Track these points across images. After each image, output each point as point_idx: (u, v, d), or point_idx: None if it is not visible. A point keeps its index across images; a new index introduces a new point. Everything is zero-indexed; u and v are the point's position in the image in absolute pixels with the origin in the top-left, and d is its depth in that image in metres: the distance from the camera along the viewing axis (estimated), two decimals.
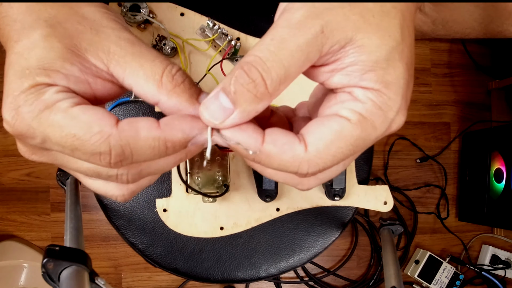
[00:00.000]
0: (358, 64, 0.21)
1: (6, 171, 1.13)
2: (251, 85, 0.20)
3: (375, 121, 0.21)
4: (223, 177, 0.50)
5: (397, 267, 0.55)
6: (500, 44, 1.24)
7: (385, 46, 0.21)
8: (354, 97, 0.21)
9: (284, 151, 0.21)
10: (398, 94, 0.22)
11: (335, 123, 0.21)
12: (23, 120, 0.21)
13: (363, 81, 0.21)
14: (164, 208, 0.52)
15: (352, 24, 0.21)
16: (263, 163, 0.22)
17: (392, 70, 0.21)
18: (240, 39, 0.52)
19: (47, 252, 0.33)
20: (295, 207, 0.55)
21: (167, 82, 0.22)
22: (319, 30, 0.20)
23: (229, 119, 0.21)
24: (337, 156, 0.21)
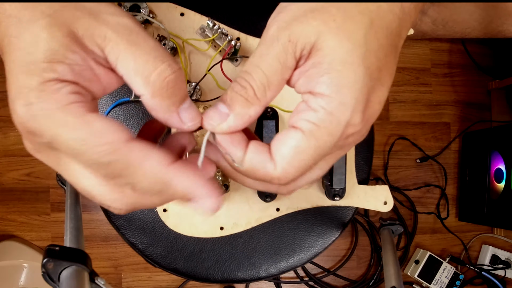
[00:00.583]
0: (316, 67, 0.23)
1: (6, 171, 1.13)
2: (243, 91, 0.23)
3: (328, 127, 0.23)
4: (223, 177, 0.50)
5: (397, 267, 0.55)
6: (500, 44, 1.24)
7: (342, 49, 0.22)
8: (309, 107, 0.23)
9: (258, 168, 0.24)
10: (351, 97, 0.23)
11: (292, 140, 0.23)
12: (36, 118, 0.21)
13: (318, 85, 0.23)
14: (164, 208, 0.52)
15: (314, 29, 0.23)
16: (244, 174, 0.25)
17: (348, 73, 0.22)
18: (240, 39, 0.52)
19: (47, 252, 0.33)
20: (295, 207, 0.55)
21: (155, 82, 0.22)
22: (286, 39, 0.23)
23: (225, 122, 0.24)
24: (302, 167, 0.24)
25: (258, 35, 0.53)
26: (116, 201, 0.24)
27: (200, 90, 0.51)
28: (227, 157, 0.25)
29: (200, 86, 0.51)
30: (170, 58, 0.23)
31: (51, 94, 0.21)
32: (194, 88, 0.50)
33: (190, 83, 0.50)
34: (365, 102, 0.23)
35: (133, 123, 0.55)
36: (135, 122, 0.55)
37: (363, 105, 0.23)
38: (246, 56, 0.52)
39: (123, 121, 0.55)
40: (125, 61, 0.22)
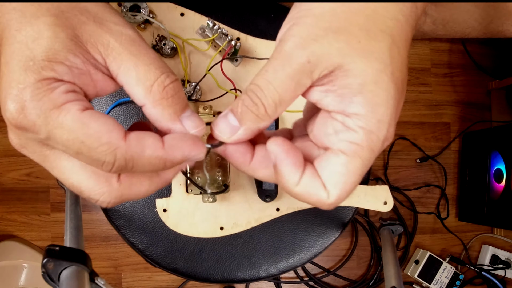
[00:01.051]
0: (347, 87, 0.23)
1: (6, 171, 1.13)
2: (254, 107, 0.24)
3: (370, 145, 0.24)
4: (223, 177, 0.50)
5: (397, 267, 0.55)
6: (500, 44, 1.24)
7: (372, 69, 0.23)
8: (347, 127, 0.24)
9: (311, 195, 0.25)
10: (387, 114, 0.23)
11: (339, 166, 0.24)
12: (29, 116, 0.21)
13: (352, 105, 0.23)
14: (164, 208, 0.52)
15: (337, 51, 0.23)
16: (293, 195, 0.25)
17: (381, 92, 0.23)
18: (240, 39, 0.52)
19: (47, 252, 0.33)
20: (295, 207, 0.55)
21: (156, 91, 0.23)
22: (305, 60, 0.23)
23: (235, 135, 0.24)
24: (352, 189, 0.25)
25: (258, 35, 0.53)
26: (104, 195, 0.24)
27: (200, 90, 0.51)
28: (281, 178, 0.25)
29: (200, 86, 0.51)
30: (169, 69, 0.24)
31: (46, 93, 0.21)
32: (194, 88, 0.50)
33: (190, 83, 0.50)
34: (397, 114, 0.25)
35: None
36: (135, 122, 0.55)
37: (396, 117, 0.24)
38: (247, 56, 0.52)
39: (123, 121, 0.55)
40: (127, 71, 0.22)
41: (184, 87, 0.50)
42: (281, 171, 0.24)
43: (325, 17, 0.23)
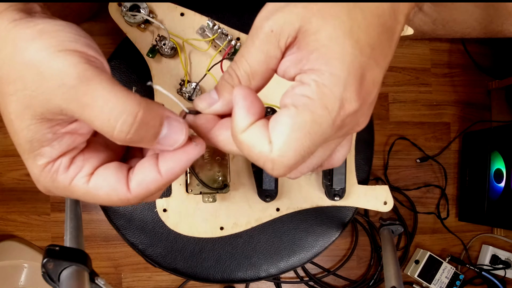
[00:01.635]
0: (304, 49, 0.23)
1: (6, 171, 1.13)
2: (229, 79, 0.25)
3: (322, 99, 0.22)
4: (223, 177, 0.50)
5: (397, 267, 0.54)
6: (500, 44, 1.24)
7: (327, 26, 0.23)
8: (301, 82, 0.23)
9: (254, 146, 0.23)
10: (342, 69, 0.22)
11: (286, 117, 0.22)
12: (54, 193, 0.26)
13: (308, 63, 0.23)
14: (164, 208, 0.52)
15: (296, 15, 0.23)
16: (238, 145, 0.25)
17: (336, 46, 0.22)
18: (240, 39, 0.52)
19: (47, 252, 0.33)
20: (295, 207, 0.55)
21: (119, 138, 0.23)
22: (268, 30, 0.24)
23: (214, 106, 0.26)
24: (298, 148, 0.22)
25: None
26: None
27: (200, 90, 0.51)
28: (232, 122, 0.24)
29: (200, 86, 0.51)
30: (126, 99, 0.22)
31: (54, 177, 0.25)
32: (194, 88, 0.50)
33: (190, 83, 0.50)
34: (359, 78, 0.23)
35: None
36: None
37: (357, 81, 0.22)
38: None
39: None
40: (90, 122, 0.22)
41: (184, 86, 0.50)
42: (234, 113, 0.24)
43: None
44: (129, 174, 0.25)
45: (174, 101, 0.26)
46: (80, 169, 0.25)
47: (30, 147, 0.23)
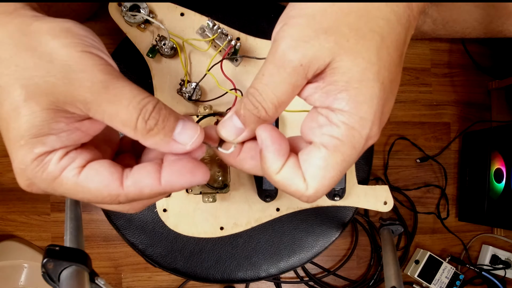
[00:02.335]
0: (333, 84, 0.24)
1: (6, 171, 1.13)
2: (255, 111, 0.25)
3: (351, 141, 0.24)
4: (223, 177, 0.50)
5: (397, 267, 0.54)
6: (500, 44, 1.24)
7: (357, 68, 0.23)
8: (330, 121, 0.24)
9: (290, 185, 0.25)
10: (370, 112, 0.24)
11: (319, 159, 0.25)
12: (39, 188, 0.25)
13: (337, 101, 0.24)
14: (164, 208, 0.52)
15: (327, 51, 0.23)
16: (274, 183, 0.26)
17: (365, 90, 0.24)
18: (240, 39, 0.52)
19: (47, 252, 0.33)
20: (295, 207, 0.55)
21: (141, 128, 0.24)
22: (297, 64, 0.24)
23: (240, 136, 0.26)
24: (331, 184, 0.25)
25: (258, 35, 0.53)
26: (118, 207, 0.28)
27: (200, 90, 0.51)
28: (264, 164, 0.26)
29: (200, 86, 0.51)
30: (146, 94, 0.24)
31: (44, 168, 0.24)
32: (194, 88, 0.50)
33: (190, 83, 0.50)
34: (381, 114, 0.25)
35: None
36: None
37: (380, 117, 0.25)
38: (247, 56, 0.52)
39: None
40: (111, 118, 0.23)
41: (184, 86, 0.50)
42: (265, 157, 0.25)
43: (316, 18, 0.24)
44: (125, 172, 0.25)
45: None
46: (73, 160, 0.24)
47: (35, 132, 0.23)
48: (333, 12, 0.24)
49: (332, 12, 0.24)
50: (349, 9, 0.24)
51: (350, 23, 0.23)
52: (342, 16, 0.24)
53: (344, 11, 0.24)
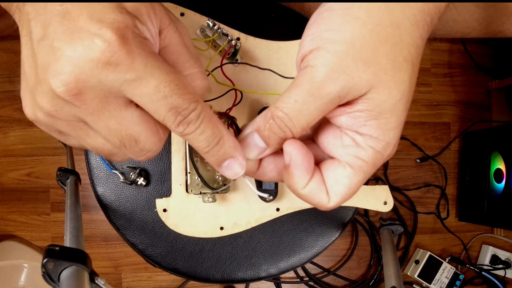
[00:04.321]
0: (364, 112, 0.24)
1: (6, 171, 1.13)
2: (282, 134, 0.25)
3: (375, 162, 0.26)
4: (223, 177, 0.50)
5: (397, 267, 0.54)
6: (500, 44, 1.24)
7: (391, 100, 0.24)
8: (357, 144, 0.25)
9: (314, 197, 0.26)
10: (395, 138, 0.26)
11: (344, 178, 0.26)
12: (130, 51, 0.21)
13: (365, 127, 0.25)
14: (164, 208, 0.52)
15: (365, 83, 0.24)
16: (298, 195, 0.27)
17: (394, 119, 0.25)
18: (240, 39, 0.52)
19: (47, 252, 0.33)
20: (295, 207, 0.55)
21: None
22: (336, 95, 0.24)
23: (262, 154, 0.27)
24: (349, 198, 0.27)
25: (258, 35, 0.53)
26: (157, 144, 0.25)
27: None
28: (290, 179, 0.26)
29: None
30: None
31: (143, 39, 0.22)
32: None
33: None
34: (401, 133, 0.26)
35: None
36: None
37: (399, 137, 0.26)
38: (248, 64, 0.52)
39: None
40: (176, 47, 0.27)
41: None
42: (293, 173, 0.26)
43: (355, 46, 0.23)
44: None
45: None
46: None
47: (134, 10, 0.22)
48: (372, 39, 0.23)
49: (370, 39, 0.23)
50: (386, 36, 0.24)
51: (388, 53, 0.24)
52: (379, 44, 0.23)
53: (381, 39, 0.23)
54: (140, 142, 0.24)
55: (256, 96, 0.53)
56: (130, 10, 0.22)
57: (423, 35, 0.25)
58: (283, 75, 0.50)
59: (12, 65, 1.14)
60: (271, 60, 0.53)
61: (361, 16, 0.23)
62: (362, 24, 0.23)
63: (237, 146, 0.26)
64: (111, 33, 0.20)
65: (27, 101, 0.23)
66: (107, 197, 0.57)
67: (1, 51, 1.13)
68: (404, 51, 0.24)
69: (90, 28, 0.20)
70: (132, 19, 0.22)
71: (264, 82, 0.53)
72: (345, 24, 0.24)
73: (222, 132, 0.25)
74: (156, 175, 0.57)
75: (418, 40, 0.25)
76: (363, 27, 0.23)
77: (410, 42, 0.24)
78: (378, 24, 0.23)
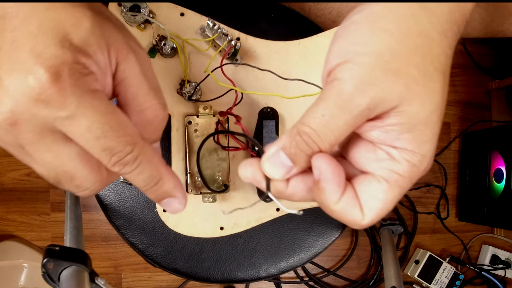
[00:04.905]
0: (397, 125, 0.24)
1: (6, 171, 1.13)
2: (309, 151, 0.24)
3: (411, 176, 0.25)
4: (223, 177, 0.50)
5: (397, 267, 0.54)
6: (500, 44, 1.24)
7: (425, 112, 0.23)
8: (391, 157, 0.24)
9: (347, 215, 0.25)
10: (430, 150, 0.25)
11: (380, 193, 0.25)
12: (62, 89, 0.20)
13: (399, 141, 0.24)
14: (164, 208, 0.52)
15: (397, 95, 0.23)
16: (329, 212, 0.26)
17: (429, 131, 0.24)
18: (240, 39, 0.52)
19: (47, 252, 0.33)
20: (295, 207, 0.55)
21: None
22: (365, 107, 0.23)
23: (289, 174, 0.25)
24: (384, 214, 0.26)
25: (258, 35, 0.53)
26: (96, 183, 0.25)
27: (200, 90, 0.51)
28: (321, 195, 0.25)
29: (200, 86, 0.51)
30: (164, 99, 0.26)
31: (82, 75, 0.21)
32: (195, 88, 0.50)
33: (190, 83, 0.50)
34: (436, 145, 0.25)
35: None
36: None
37: (435, 150, 0.25)
38: (248, 65, 0.52)
39: None
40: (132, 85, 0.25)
41: (184, 87, 0.50)
42: (324, 189, 0.24)
43: (384, 57, 0.23)
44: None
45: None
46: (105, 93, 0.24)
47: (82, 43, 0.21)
48: (401, 50, 0.23)
49: (399, 50, 0.23)
50: (415, 47, 0.23)
51: (418, 63, 0.23)
52: (409, 55, 0.23)
53: (410, 49, 0.23)
54: (76, 179, 0.24)
55: (256, 96, 0.53)
56: (76, 42, 0.21)
57: (451, 44, 0.25)
58: (283, 76, 0.50)
59: None
60: (271, 60, 0.53)
61: (387, 27, 0.23)
62: (390, 36, 0.23)
63: (178, 186, 0.26)
64: (43, 71, 0.20)
65: None
66: (107, 197, 0.57)
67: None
68: (435, 61, 0.24)
69: (27, 62, 0.20)
70: (74, 53, 0.21)
71: (264, 82, 0.53)
72: (372, 36, 0.23)
73: (162, 173, 0.25)
74: None
75: (447, 49, 0.24)
76: (391, 38, 0.23)
77: (440, 52, 0.24)
78: (406, 34, 0.23)
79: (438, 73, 0.24)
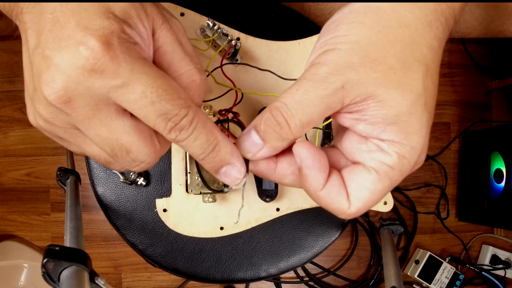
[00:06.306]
0: (380, 117, 0.23)
1: (6, 171, 1.13)
2: (277, 127, 0.24)
3: (401, 169, 0.25)
4: None
5: (397, 267, 0.54)
6: (500, 44, 1.24)
7: (406, 101, 0.23)
8: (381, 149, 0.24)
9: (333, 202, 0.25)
10: (420, 142, 0.24)
11: (368, 182, 0.24)
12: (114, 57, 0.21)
13: (386, 133, 0.24)
14: (164, 208, 0.52)
15: (373, 80, 0.23)
16: (315, 199, 0.26)
17: (415, 122, 0.24)
18: (240, 39, 0.52)
19: (47, 252, 0.33)
20: (295, 207, 0.55)
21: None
22: (339, 85, 0.23)
23: (259, 152, 0.25)
24: (372, 206, 0.25)
25: (258, 35, 0.53)
26: (151, 155, 0.24)
27: None
28: (305, 181, 0.25)
29: None
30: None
31: (130, 44, 0.22)
32: None
33: None
34: (428, 140, 0.25)
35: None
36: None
37: (427, 144, 0.25)
38: (248, 64, 0.52)
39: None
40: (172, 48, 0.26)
41: None
42: (306, 174, 0.24)
43: (362, 45, 0.23)
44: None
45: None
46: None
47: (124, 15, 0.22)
48: (379, 40, 0.23)
49: (378, 40, 0.23)
50: (395, 37, 0.23)
51: (397, 53, 0.23)
52: (388, 45, 0.23)
53: (390, 39, 0.23)
54: (132, 152, 0.24)
55: (256, 95, 0.53)
56: (118, 14, 0.22)
57: (438, 35, 0.25)
58: (283, 76, 0.50)
59: (12, 65, 1.14)
60: (271, 60, 0.53)
61: (365, 21, 0.23)
62: (368, 28, 0.23)
63: (235, 152, 0.25)
64: (95, 40, 0.20)
65: (29, 109, 0.24)
66: (107, 197, 0.57)
67: (1, 51, 1.13)
68: (416, 51, 0.24)
69: (76, 36, 0.20)
70: (120, 24, 0.21)
71: (264, 82, 0.53)
72: (351, 29, 0.23)
73: (218, 138, 0.24)
74: (156, 175, 0.57)
75: (432, 40, 0.24)
76: (369, 30, 0.23)
77: (423, 43, 0.24)
78: (385, 26, 0.23)
79: (419, 63, 0.24)
